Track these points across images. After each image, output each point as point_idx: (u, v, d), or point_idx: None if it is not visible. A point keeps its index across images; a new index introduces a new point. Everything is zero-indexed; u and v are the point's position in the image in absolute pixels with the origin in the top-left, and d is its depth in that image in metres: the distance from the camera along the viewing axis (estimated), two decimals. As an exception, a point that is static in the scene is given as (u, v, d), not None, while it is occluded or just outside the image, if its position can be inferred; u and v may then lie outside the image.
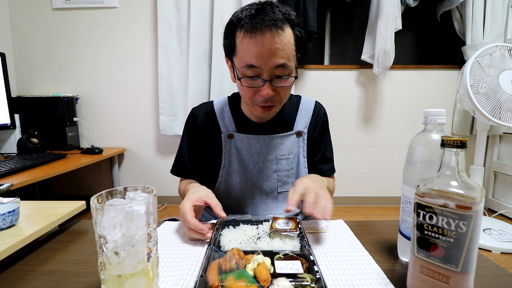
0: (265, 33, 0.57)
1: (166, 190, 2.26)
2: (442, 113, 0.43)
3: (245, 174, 0.76)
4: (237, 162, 0.76)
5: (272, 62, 0.59)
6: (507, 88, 1.42)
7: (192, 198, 0.57)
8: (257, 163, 0.75)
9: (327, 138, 0.84)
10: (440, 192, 0.34)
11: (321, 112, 0.82)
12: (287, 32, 0.59)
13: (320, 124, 0.81)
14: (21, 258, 0.50)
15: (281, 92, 0.64)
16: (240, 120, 0.76)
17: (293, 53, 0.61)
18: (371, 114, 2.21)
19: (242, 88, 0.65)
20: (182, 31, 2.03)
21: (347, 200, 2.25)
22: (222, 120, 0.76)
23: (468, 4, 1.92)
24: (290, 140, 0.76)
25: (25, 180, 1.17)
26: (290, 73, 0.62)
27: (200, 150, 0.79)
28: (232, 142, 0.75)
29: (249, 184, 0.76)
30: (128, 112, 2.21)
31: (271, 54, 0.58)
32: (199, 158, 0.80)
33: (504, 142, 2.07)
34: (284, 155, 0.76)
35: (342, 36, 2.28)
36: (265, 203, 0.77)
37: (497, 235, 1.62)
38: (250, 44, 0.58)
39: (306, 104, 0.80)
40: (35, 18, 2.11)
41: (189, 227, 0.53)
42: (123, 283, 0.34)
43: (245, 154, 0.75)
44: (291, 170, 0.77)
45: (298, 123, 0.77)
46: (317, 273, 0.39)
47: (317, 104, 0.81)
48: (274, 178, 0.76)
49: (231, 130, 0.75)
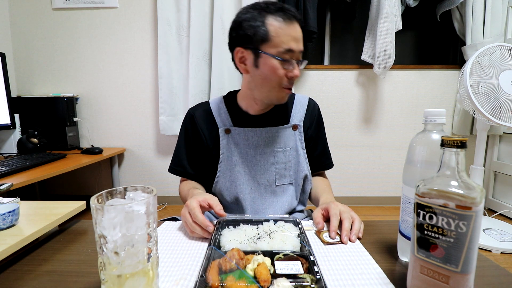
0: (296, 23, 0.68)
1: (166, 190, 2.26)
2: (442, 113, 0.43)
3: (243, 167, 0.77)
4: (235, 155, 0.77)
5: (300, 47, 0.69)
6: (507, 88, 1.42)
7: (199, 198, 0.60)
8: (254, 156, 0.77)
9: (324, 134, 0.89)
10: (440, 192, 0.34)
11: (316, 108, 0.86)
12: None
13: (316, 119, 0.85)
14: (21, 258, 0.50)
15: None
16: (236, 115, 0.79)
17: None
18: (371, 114, 2.21)
19: (273, 73, 0.68)
20: (182, 31, 2.03)
21: (347, 200, 2.25)
22: (219, 116, 0.79)
23: (468, 4, 1.92)
24: (286, 132, 0.79)
25: (25, 180, 1.17)
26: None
27: (198, 147, 0.81)
28: (229, 136, 0.78)
29: (247, 178, 0.78)
30: (128, 112, 2.21)
31: (300, 40, 0.69)
32: (197, 156, 0.82)
33: (504, 142, 2.07)
34: (281, 148, 0.78)
35: (342, 36, 2.28)
36: (263, 197, 0.78)
37: (497, 235, 1.62)
38: (289, 30, 0.67)
39: (300, 99, 0.84)
40: (35, 18, 2.11)
41: (195, 222, 0.55)
42: (123, 283, 0.34)
43: (243, 147, 0.77)
44: (288, 163, 0.79)
45: (293, 117, 0.81)
46: (317, 273, 0.39)
47: (310, 100, 0.85)
48: (272, 170, 0.78)
49: (228, 125, 0.78)
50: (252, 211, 0.77)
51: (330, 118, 2.20)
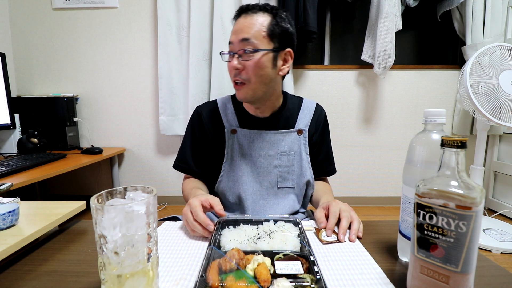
0: (241, 17, 0.69)
1: (166, 190, 2.26)
2: (442, 113, 0.43)
3: (246, 168, 0.78)
4: (239, 156, 0.78)
5: (239, 36, 0.67)
6: (507, 88, 1.42)
7: (201, 198, 0.60)
8: (258, 158, 0.77)
9: (329, 140, 0.89)
10: (440, 192, 0.34)
11: (322, 114, 0.86)
12: (260, 15, 0.68)
13: (321, 125, 0.85)
14: (21, 258, 0.50)
15: (249, 69, 0.68)
16: (243, 116, 0.79)
17: (261, 33, 0.67)
18: (371, 114, 2.21)
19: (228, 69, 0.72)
20: (182, 31, 2.03)
21: (347, 200, 2.23)
22: (226, 116, 0.80)
23: (468, 4, 1.92)
24: (291, 137, 0.79)
25: (25, 180, 1.17)
26: (254, 47, 0.67)
27: (204, 146, 0.82)
28: (235, 137, 0.78)
29: (250, 179, 0.78)
30: (128, 112, 2.21)
31: (239, 31, 0.68)
32: (202, 154, 0.83)
33: (504, 142, 2.06)
34: (285, 151, 0.78)
35: (342, 36, 2.28)
36: (265, 199, 0.78)
37: (497, 235, 1.62)
38: (233, 27, 0.70)
39: (308, 105, 0.84)
40: (35, 18, 2.11)
41: (196, 220, 0.55)
42: (123, 283, 0.34)
43: (247, 149, 0.77)
44: (291, 167, 0.79)
45: (299, 121, 0.81)
46: (317, 274, 0.39)
47: (318, 106, 0.86)
48: (275, 173, 0.78)
49: (234, 125, 0.78)
50: (253, 212, 0.77)
51: (330, 118, 2.16)
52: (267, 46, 0.68)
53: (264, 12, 0.68)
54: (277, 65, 0.70)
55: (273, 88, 0.74)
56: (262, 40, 0.67)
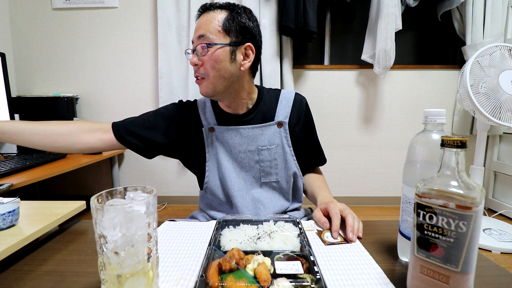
0: (201, 15, 0.70)
1: (166, 190, 2.26)
2: (442, 113, 0.43)
3: (229, 166, 0.77)
4: (220, 153, 0.77)
5: (197, 33, 0.69)
6: (507, 88, 1.42)
7: None
8: (238, 154, 0.77)
9: (314, 129, 0.87)
10: (440, 192, 0.34)
11: (303, 103, 0.83)
12: (217, 12, 0.69)
13: (304, 115, 0.82)
14: (21, 258, 0.50)
15: (206, 63, 0.68)
16: (221, 114, 0.79)
17: (217, 28, 0.67)
18: (371, 114, 2.21)
19: None
20: (182, 31, 2.03)
21: (347, 200, 2.25)
22: (204, 114, 0.79)
23: (468, 4, 1.92)
24: (270, 130, 0.77)
25: (25, 180, 1.17)
26: (208, 42, 0.68)
27: (178, 140, 0.80)
28: (213, 135, 0.78)
29: (233, 175, 0.77)
30: (128, 112, 2.20)
31: (197, 29, 0.69)
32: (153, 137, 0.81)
33: (504, 142, 2.06)
34: (265, 146, 0.77)
35: (342, 36, 2.28)
36: (250, 194, 0.78)
37: (497, 235, 1.62)
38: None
39: (286, 95, 0.82)
40: (35, 18, 2.11)
41: None
42: (123, 283, 0.34)
43: (227, 146, 0.77)
44: (273, 161, 0.78)
45: (278, 114, 0.79)
46: (317, 274, 0.39)
47: (297, 95, 0.83)
48: (257, 168, 0.78)
49: (212, 123, 0.78)
50: (242, 208, 0.76)
51: (330, 118, 2.19)
52: (223, 41, 0.68)
53: (221, 9, 0.69)
54: (236, 59, 0.69)
55: (239, 84, 0.73)
56: (217, 35, 0.68)
